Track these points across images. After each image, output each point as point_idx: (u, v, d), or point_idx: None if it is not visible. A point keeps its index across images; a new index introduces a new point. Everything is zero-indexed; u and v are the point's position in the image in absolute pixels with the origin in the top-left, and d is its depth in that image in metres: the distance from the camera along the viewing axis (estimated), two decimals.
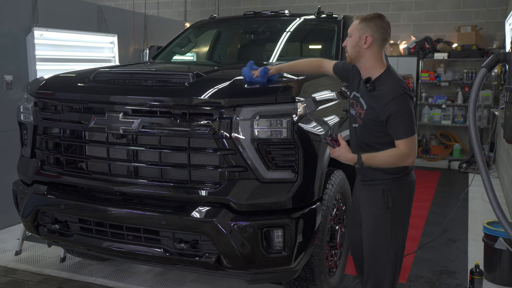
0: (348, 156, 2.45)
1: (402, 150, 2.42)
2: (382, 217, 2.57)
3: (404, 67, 8.42)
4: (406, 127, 2.42)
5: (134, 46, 6.71)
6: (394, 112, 2.40)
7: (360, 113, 2.55)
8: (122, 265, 3.95)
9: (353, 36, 2.54)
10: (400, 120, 2.40)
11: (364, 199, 2.68)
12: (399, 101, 2.42)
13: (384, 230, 2.57)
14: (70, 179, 3.10)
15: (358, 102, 2.58)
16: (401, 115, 2.40)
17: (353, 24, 2.57)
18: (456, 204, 5.53)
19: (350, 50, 2.55)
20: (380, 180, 2.57)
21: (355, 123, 2.62)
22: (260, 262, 2.70)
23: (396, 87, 2.46)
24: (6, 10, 4.77)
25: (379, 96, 2.46)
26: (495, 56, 1.89)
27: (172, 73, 3.19)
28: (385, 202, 2.55)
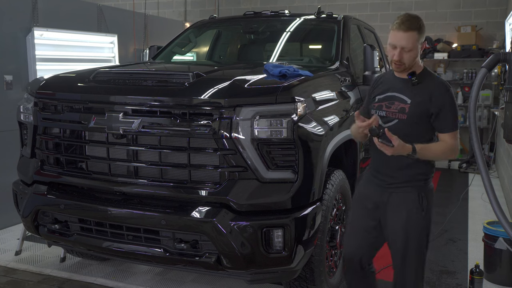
0: (405, 148, 2.34)
1: (452, 142, 2.42)
2: (417, 220, 2.51)
3: None
4: (456, 120, 2.45)
5: (134, 46, 6.71)
6: (448, 103, 2.40)
7: (403, 108, 2.47)
8: (122, 265, 3.94)
9: (414, 50, 2.43)
10: (453, 113, 2.42)
11: (393, 204, 2.55)
12: (451, 94, 2.44)
13: (419, 235, 2.53)
14: (70, 179, 3.10)
15: (394, 100, 2.51)
16: (453, 108, 2.42)
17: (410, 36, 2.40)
18: (456, 204, 5.53)
19: (411, 62, 2.46)
20: (415, 181, 2.52)
21: (389, 121, 2.52)
22: (260, 262, 2.70)
23: (444, 81, 2.49)
24: (6, 10, 4.77)
25: (428, 88, 2.44)
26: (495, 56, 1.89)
27: (172, 73, 3.20)
28: (421, 206, 2.51)
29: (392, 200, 2.55)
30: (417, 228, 2.52)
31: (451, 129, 2.43)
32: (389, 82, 2.60)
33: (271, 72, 3.07)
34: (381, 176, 2.59)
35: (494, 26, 8.39)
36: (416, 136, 2.44)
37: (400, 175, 2.52)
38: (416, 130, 2.47)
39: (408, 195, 2.52)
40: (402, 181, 2.52)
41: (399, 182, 2.53)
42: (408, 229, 2.51)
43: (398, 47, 2.41)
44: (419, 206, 2.50)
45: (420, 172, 2.51)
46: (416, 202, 2.50)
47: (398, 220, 2.53)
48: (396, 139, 2.30)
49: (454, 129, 2.44)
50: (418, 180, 2.52)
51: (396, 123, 2.49)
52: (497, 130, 7.27)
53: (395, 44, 2.42)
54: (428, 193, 2.54)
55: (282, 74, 2.99)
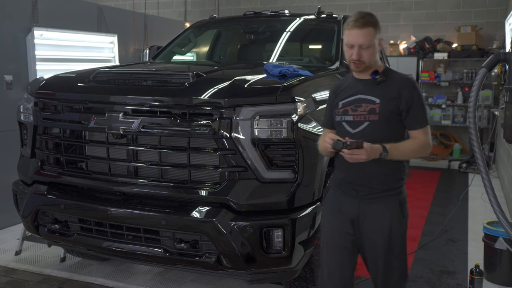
0: (375, 148, 2.23)
1: (425, 139, 2.35)
2: (399, 227, 2.42)
3: (404, 67, 8.41)
4: (426, 115, 2.38)
5: (134, 46, 6.71)
6: (416, 99, 2.33)
7: (373, 109, 2.34)
8: (122, 265, 3.94)
9: (372, 47, 2.33)
10: (422, 108, 2.36)
11: (375, 215, 2.39)
12: (418, 89, 2.38)
13: (400, 240, 2.44)
14: (70, 179, 3.10)
15: (361, 102, 2.37)
16: (422, 103, 2.36)
17: (366, 33, 2.31)
18: (456, 204, 5.53)
19: (370, 59, 2.35)
20: (395, 189, 2.40)
21: (359, 125, 2.37)
22: (260, 262, 2.70)
23: (409, 77, 2.43)
24: (6, 10, 4.77)
25: (395, 84, 2.35)
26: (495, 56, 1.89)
27: (172, 73, 3.20)
28: (402, 213, 2.42)
29: (373, 211, 2.39)
30: (400, 236, 2.43)
31: (422, 124, 2.35)
32: (351, 86, 2.46)
33: (271, 72, 3.07)
34: (356, 187, 2.40)
35: (494, 26, 8.39)
36: (389, 137, 2.33)
37: (378, 183, 2.37)
38: (389, 130, 2.36)
39: (390, 203, 2.39)
40: (381, 189, 2.38)
41: (378, 192, 2.38)
42: (392, 239, 2.40)
43: (355, 45, 2.31)
44: (401, 213, 2.41)
45: (397, 178, 2.41)
46: (398, 210, 2.40)
47: (381, 230, 2.39)
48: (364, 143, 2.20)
49: (424, 124, 2.36)
50: (397, 187, 2.41)
51: (367, 126, 2.36)
52: (497, 130, 7.27)
53: (352, 43, 2.31)
54: (403, 199, 2.45)
55: (282, 74, 2.99)
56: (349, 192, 2.43)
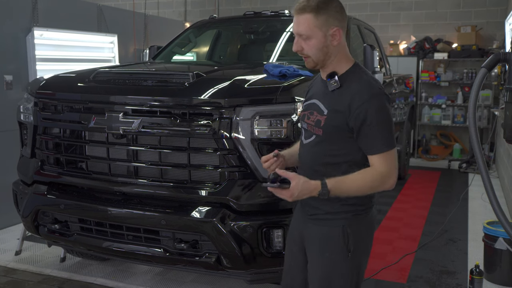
0: (310, 187, 1.83)
1: (380, 169, 1.85)
2: (341, 262, 1.96)
3: (404, 67, 8.42)
4: (386, 138, 1.86)
5: (134, 46, 6.71)
6: (370, 114, 1.82)
7: (319, 121, 1.94)
8: (122, 265, 3.94)
9: (314, 37, 1.90)
10: (379, 128, 1.84)
11: (314, 239, 2.02)
12: (377, 102, 1.84)
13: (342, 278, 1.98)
14: (70, 179, 3.10)
15: (314, 109, 2.00)
16: (380, 121, 1.84)
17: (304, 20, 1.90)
18: (456, 204, 5.53)
19: (316, 54, 1.92)
20: (338, 213, 1.95)
21: (309, 137, 2.02)
22: (260, 262, 2.70)
23: (371, 84, 1.88)
24: (6, 10, 4.77)
25: (348, 94, 1.87)
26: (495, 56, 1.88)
27: (172, 73, 3.20)
28: (345, 243, 1.93)
29: (312, 234, 2.02)
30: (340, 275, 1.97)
31: (378, 149, 1.85)
32: (315, 85, 2.11)
33: (271, 72, 3.07)
34: (304, 205, 2.06)
35: (494, 26, 8.39)
36: (337, 157, 1.93)
37: (323, 205, 1.95)
38: (333, 151, 1.93)
39: (331, 230, 1.96)
40: (324, 211, 1.97)
41: (321, 213, 1.98)
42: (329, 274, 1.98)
43: (296, 35, 1.95)
44: (343, 245, 1.93)
45: (350, 203, 1.94)
46: (339, 240, 1.93)
47: (317, 260, 2.02)
48: (294, 178, 1.82)
49: (382, 150, 1.84)
50: (345, 212, 1.95)
51: (314, 139, 1.99)
52: (497, 130, 7.27)
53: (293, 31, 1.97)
54: (359, 228, 1.96)
55: (282, 74, 2.99)
56: (301, 208, 2.11)
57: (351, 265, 1.97)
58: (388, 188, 1.89)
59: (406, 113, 6.63)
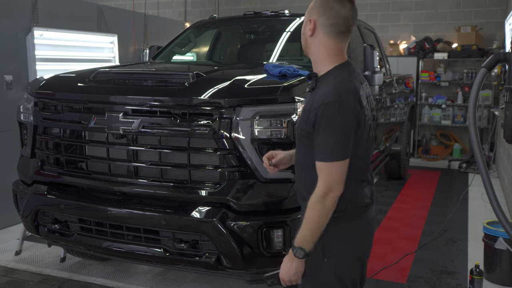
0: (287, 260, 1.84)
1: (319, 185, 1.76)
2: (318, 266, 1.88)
3: (404, 67, 8.42)
4: (328, 147, 1.74)
5: (134, 46, 6.71)
6: (320, 119, 1.74)
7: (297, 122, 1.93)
8: (122, 265, 3.94)
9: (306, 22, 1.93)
10: (325, 134, 1.74)
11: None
12: (329, 109, 1.73)
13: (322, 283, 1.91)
14: (70, 179, 3.11)
15: None
16: (327, 128, 1.74)
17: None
18: (456, 204, 5.53)
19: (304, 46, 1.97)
20: None
21: None
22: (260, 262, 2.70)
23: (333, 90, 1.77)
24: (6, 10, 4.77)
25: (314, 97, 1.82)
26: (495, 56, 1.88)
27: (172, 73, 3.20)
28: (321, 248, 1.85)
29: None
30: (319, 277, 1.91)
31: (321, 157, 1.75)
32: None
33: (271, 72, 3.07)
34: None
35: (494, 26, 8.39)
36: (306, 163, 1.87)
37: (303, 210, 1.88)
38: (303, 155, 1.88)
39: None
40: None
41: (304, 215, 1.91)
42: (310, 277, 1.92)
43: None
44: (319, 249, 1.86)
45: None
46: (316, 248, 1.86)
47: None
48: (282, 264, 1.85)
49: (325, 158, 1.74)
50: None
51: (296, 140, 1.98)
52: (497, 130, 7.27)
53: None
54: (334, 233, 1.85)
55: (282, 74, 2.99)
56: None
57: (329, 269, 1.89)
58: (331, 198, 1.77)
59: (406, 113, 6.63)
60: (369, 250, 2.04)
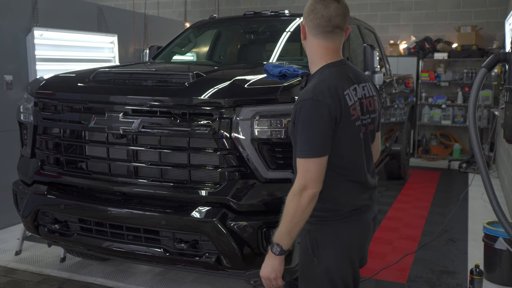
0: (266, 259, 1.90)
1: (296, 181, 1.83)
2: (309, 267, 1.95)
3: (404, 67, 8.42)
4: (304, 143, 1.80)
5: (134, 46, 6.71)
6: (296, 119, 1.82)
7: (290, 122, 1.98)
8: (122, 265, 3.94)
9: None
10: (300, 133, 1.81)
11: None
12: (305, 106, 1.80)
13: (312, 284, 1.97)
14: (70, 179, 3.10)
15: None
16: (302, 125, 1.80)
17: None
18: (456, 204, 5.53)
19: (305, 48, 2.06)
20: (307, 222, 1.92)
21: None
22: (260, 262, 2.68)
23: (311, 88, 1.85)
24: (6, 10, 4.77)
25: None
26: (495, 56, 1.88)
27: (172, 73, 3.20)
28: (311, 249, 1.93)
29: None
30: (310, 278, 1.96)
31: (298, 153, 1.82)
32: None
33: (271, 72, 3.07)
34: None
35: (494, 26, 8.39)
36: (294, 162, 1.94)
37: None
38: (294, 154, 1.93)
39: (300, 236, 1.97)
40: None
41: None
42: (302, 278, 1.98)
43: None
44: (310, 251, 1.93)
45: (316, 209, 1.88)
46: (305, 245, 1.95)
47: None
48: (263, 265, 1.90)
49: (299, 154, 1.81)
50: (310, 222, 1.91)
51: None
52: (497, 130, 7.27)
53: None
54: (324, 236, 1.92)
55: (282, 74, 2.99)
56: None
57: (319, 271, 1.94)
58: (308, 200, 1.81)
59: (406, 113, 6.63)
60: (363, 251, 2.07)
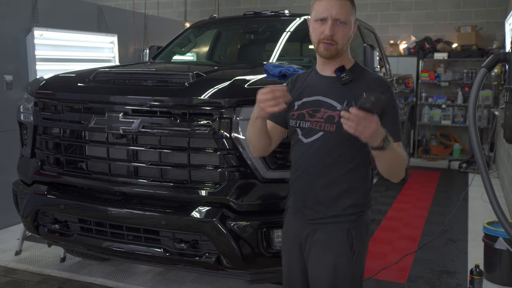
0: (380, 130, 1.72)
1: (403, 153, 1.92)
2: (346, 265, 1.97)
3: (404, 67, 8.42)
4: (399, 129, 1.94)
5: (134, 46, 6.70)
6: (391, 105, 1.90)
7: (331, 117, 1.90)
8: (122, 265, 3.94)
9: (349, 25, 1.92)
10: (396, 118, 1.93)
11: (317, 243, 2.00)
12: (393, 94, 1.94)
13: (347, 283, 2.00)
14: (70, 179, 3.10)
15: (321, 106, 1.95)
16: (396, 112, 1.94)
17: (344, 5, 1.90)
18: (456, 204, 5.53)
19: (344, 42, 1.93)
20: (344, 216, 1.95)
21: (313, 135, 1.96)
22: (260, 262, 2.70)
23: (383, 78, 2.00)
24: (6, 10, 4.77)
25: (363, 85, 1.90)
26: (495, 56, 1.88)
27: (172, 73, 3.19)
28: (350, 246, 1.96)
29: (316, 239, 2.00)
30: (346, 277, 1.98)
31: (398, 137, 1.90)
32: (312, 83, 2.03)
33: (271, 72, 3.07)
34: (305, 210, 2.02)
35: (494, 26, 8.39)
36: (347, 155, 1.93)
37: (327, 208, 1.96)
38: (346, 147, 1.91)
39: (335, 233, 1.97)
40: (329, 215, 1.97)
41: (325, 217, 1.97)
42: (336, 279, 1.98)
43: (328, 18, 1.87)
44: (349, 248, 1.96)
45: (353, 204, 1.96)
46: (344, 243, 1.96)
47: (322, 266, 2.00)
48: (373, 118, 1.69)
49: (398, 139, 1.90)
50: (349, 214, 1.96)
51: (321, 137, 1.94)
52: (497, 130, 7.27)
53: (324, 15, 1.88)
54: (361, 230, 1.99)
55: (282, 74, 2.99)
56: (299, 214, 2.05)
57: (356, 267, 2.00)
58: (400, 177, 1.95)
59: (406, 113, 6.63)
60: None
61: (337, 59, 1.96)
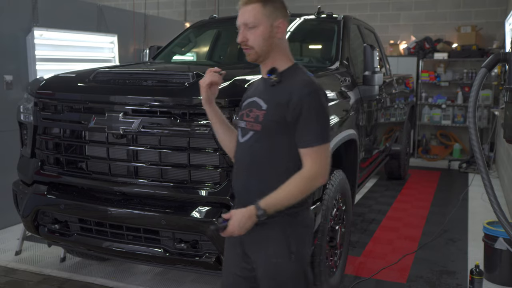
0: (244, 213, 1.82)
1: (310, 166, 1.85)
2: (284, 266, 1.93)
3: (404, 67, 8.42)
4: (320, 131, 1.86)
5: (134, 46, 6.70)
6: (307, 107, 1.84)
7: (258, 116, 1.94)
8: (122, 265, 3.94)
9: (261, 26, 1.91)
10: (314, 120, 1.85)
11: (256, 243, 1.97)
12: (315, 96, 1.88)
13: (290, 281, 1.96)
14: (70, 179, 3.10)
15: (253, 106, 1.99)
16: (315, 114, 1.86)
17: (251, 9, 1.92)
18: (456, 204, 5.53)
19: (261, 44, 1.92)
20: (277, 216, 1.89)
21: (246, 134, 1.99)
22: None
23: (311, 81, 1.92)
24: (6, 10, 4.77)
25: (288, 89, 1.90)
26: (495, 56, 1.88)
27: (172, 73, 3.19)
28: (287, 245, 1.92)
29: (254, 239, 1.96)
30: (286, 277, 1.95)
31: (310, 142, 1.85)
32: (257, 84, 2.11)
33: None
34: (240, 206, 1.93)
35: (494, 26, 8.39)
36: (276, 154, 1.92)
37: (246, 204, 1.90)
38: (272, 147, 1.92)
39: (271, 233, 1.93)
40: None
41: None
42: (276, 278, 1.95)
43: (241, 26, 1.94)
44: (285, 248, 1.92)
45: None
46: (280, 244, 1.92)
47: (261, 266, 1.98)
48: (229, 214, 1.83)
49: (317, 142, 1.85)
50: (283, 214, 1.90)
51: (251, 136, 1.96)
52: (497, 130, 7.27)
53: (238, 24, 1.96)
54: (298, 229, 1.95)
55: None
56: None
57: (296, 267, 1.96)
58: (320, 185, 1.91)
59: (406, 113, 6.63)
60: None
61: (266, 61, 1.99)
